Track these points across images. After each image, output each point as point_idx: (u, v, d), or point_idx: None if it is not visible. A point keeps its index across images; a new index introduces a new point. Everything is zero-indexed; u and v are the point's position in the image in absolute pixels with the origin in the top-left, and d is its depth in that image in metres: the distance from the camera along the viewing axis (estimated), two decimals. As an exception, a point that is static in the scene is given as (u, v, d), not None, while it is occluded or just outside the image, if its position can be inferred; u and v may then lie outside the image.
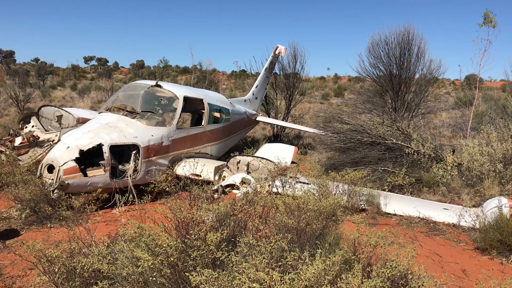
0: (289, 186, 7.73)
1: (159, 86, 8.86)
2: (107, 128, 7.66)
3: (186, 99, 9.09)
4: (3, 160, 8.02)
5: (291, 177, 8.06)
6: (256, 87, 14.13)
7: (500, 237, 5.93)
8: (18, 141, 8.69)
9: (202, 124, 9.63)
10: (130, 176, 7.68)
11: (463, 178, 9.19)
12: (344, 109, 13.51)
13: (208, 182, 8.20)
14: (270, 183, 7.92)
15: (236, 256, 3.54)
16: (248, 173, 8.43)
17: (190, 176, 8.34)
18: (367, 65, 13.62)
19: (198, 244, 3.68)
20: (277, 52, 14.25)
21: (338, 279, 3.39)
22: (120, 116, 8.15)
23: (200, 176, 8.30)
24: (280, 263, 3.53)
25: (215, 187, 7.89)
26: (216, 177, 8.32)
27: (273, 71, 15.29)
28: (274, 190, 7.76)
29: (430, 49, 13.39)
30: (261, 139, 14.51)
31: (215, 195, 7.70)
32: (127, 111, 8.47)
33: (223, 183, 8.01)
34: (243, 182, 8.02)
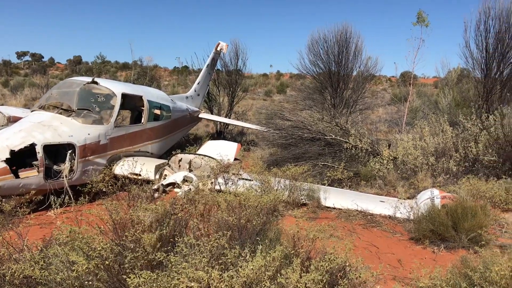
0: (232, 183, 7.74)
1: (96, 82, 8.55)
2: (40, 127, 7.30)
3: (124, 96, 8.83)
4: None
5: (233, 174, 8.07)
6: (198, 83, 14.00)
7: (432, 227, 6.22)
8: None
9: (142, 121, 9.41)
10: (66, 177, 7.37)
11: (398, 171, 9.58)
12: (286, 105, 13.71)
13: (149, 181, 8.03)
14: (213, 180, 7.89)
15: (174, 256, 3.49)
16: (190, 171, 8.34)
17: (130, 176, 8.12)
18: (307, 62, 13.92)
19: (133, 246, 3.59)
20: (218, 49, 14.20)
21: (278, 275, 3.42)
22: (55, 114, 7.79)
23: (140, 175, 8.11)
24: (220, 261, 3.52)
25: (156, 186, 7.75)
26: (157, 176, 8.17)
27: (215, 68, 15.23)
28: (217, 187, 7.73)
29: (367, 47, 13.91)
30: (204, 136, 14.41)
31: (156, 195, 7.57)
32: (62, 109, 8.10)
33: (164, 182, 7.88)
34: (185, 180, 7.92)
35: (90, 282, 3.59)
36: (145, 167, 8.18)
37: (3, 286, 3.71)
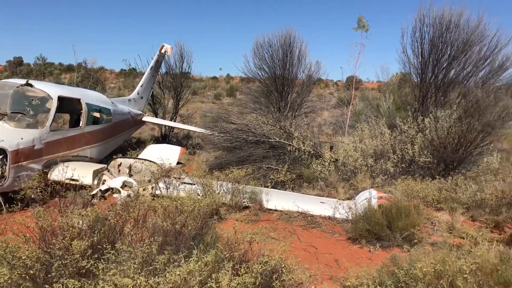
0: (174, 188, 7.65)
1: (30, 85, 8.18)
2: None
3: (61, 99, 8.51)
4: None
5: (175, 178, 7.97)
6: (142, 86, 13.74)
7: (368, 226, 6.42)
8: None
9: (80, 125, 9.10)
10: None
11: (339, 173, 9.82)
12: (235, 109, 13.71)
13: (87, 187, 7.78)
14: (153, 185, 7.76)
15: (103, 264, 3.39)
16: (130, 175, 8.16)
17: (67, 181, 7.84)
18: (252, 66, 14.01)
19: (61, 253, 3.46)
20: (163, 51, 14.01)
21: (209, 279, 3.41)
22: None
23: (78, 180, 7.84)
24: (151, 267, 3.46)
25: (94, 192, 7.53)
26: (95, 181, 7.92)
27: (159, 70, 15.01)
28: (158, 192, 7.61)
29: (311, 52, 14.21)
30: (148, 140, 14.14)
31: (94, 200, 7.35)
32: None
33: (103, 187, 7.66)
34: (124, 185, 7.74)
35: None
36: (83, 172, 7.92)
37: None
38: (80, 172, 7.94)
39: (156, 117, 15.26)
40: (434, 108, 10.26)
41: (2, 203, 6.92)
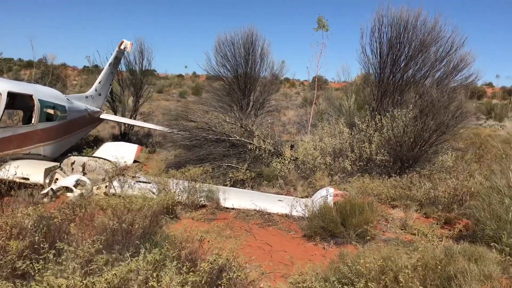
0: (128, 186, 7.49)
1: (-23, 80, 7.86)
2: None
3: (11, 94, 8.19)
4: None
5: (131, 176, 7.82)
6: (100, 82, 13.40)
7: (323, 224, 6.46)
8: None
9: (32, 122, 8.79)
10: None
11: (299, 171, 9.87)
12: (196, 107, 13.55)
13: (39, 186, 7.54)
14: (107, 184, 7.58)
15: (39, 264, 3.26)
16: (84, 174, 7.94)
17: (16, 180, 7.56)
18: (213, 63, 13.91)
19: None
20: (122, 47, 13.70)
21: (151, 278, 3.33)
22: None
23: (28, 179, 7.57)
24: (91, 267, 3.36)
25: (45, 191, 7.29)
26: (47, 180, 7.67)
27: (119, 67, 14.70)
28: (112, 191, 7.44)
29: (277, 52, 14.31)
30: (107, 138, 13.84)
31: (45, 199, 7.12)
32: None
33: (55, 186, 7.43)
34: (77, 184, 7.53)
35: None
36: (34, 171, 7.65)
37: None
38: (31, 170, 7.68)
39: (116, 114, 14.95)
40: (391, 108, 10.44)
41: None
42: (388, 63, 11.17)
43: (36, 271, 3.17)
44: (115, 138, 14.22)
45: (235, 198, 7.83)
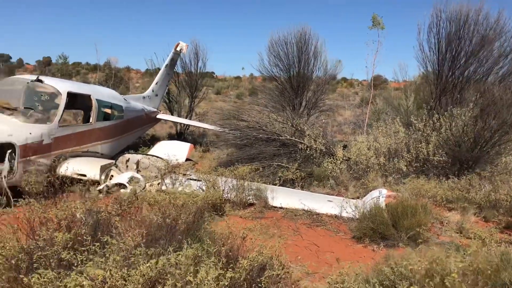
0: (180, 184, 7.63)
1: (40, 81, 8.31)
2: None
3: (70, 95, 8.62)
4: None
5: (182, 174, 7.97)
6: (157, 83, 13.83)
7: (373, 225, 6.26)
8: None
9: (90, 121, 9.19)
10: (5, 177, 7.12)
11: (351, 172, 9.65)
12: (247, 107, 13.63)
13: (95, 182, 7.86)
14: (160, 181, 7.77)
15: (82, 255, 3.38)
16: (138, 171, 8.19)
17: (75, 176, 7.94)
18: (266, 63, 13.92)
19: (41, 244, 3.46)
20: (178, 49, 14.05)
21: (188, 273, 3.35)
22: None
23: (85, 175, 7.92)
24: (130, 261, 3.43)
25: (101, 187, 7.58)
26: (103, 177, 7.98)
27: (175, 68, 15.08)
28: (164, 188, 7.62)
29: (329, 50, 14.04)
30: (164, 137, 14.23)
31: (100, 195, 7.40)
32: (2, 107, 7.84)
33: (110, 183, 7.71)
34: (131, 180, 7.78)
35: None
36: (91, 168, 7.99)
37: None
38: (88, 167, 8.02)
39: (172, 114, 15.35)
40: (450, 106, 9.96)
41: (11, 197, 7.01)
42: (446, 60, 10.69)
43: (79, 262, 3.27)
44: (171, 137, 14.60)
45: (283, 197, 7.77)
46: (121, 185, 7.65)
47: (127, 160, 8.28)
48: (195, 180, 7.77)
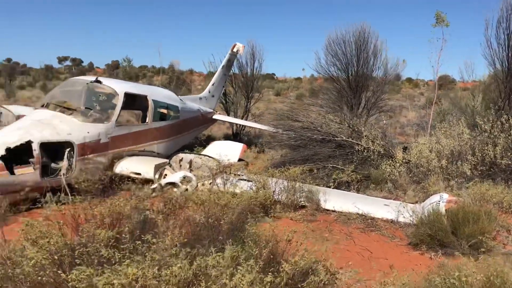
0: (231, 184, 7.59)
1: (99, 82, 8.61)
2: (39, 125, 7.39)
3: (128, 95, 8.85)
4: None
5: (233, 174, 7.93)
6: (213, 84, 13.96)
7: (430, 232, 5.89)
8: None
9: (146, 121, 9.40)
10: (64, 175, 7.41)
11: (410, 175, 9.17)
12: (302, 107, 13.42)
13: (149, 181, 8.00)
14: (211, 180, 7.77)
15: (119, 254, 3.37)
16: (191, 171, 8.25)
17: (130, 175, 8.13)
18: (323, 63, 13.63)
19: (84, 241, 3.50)
20: (235, 50, 14.10)
21: (224, 275, 3.25)
22: (55, 113, 7.88)
23: (140, 174, 8.09)
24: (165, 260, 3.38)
25: (154, 186, 7.70)
26: (156, 176, 8.10)
27: (232, 69, 15.17)
28: (215, 187, 7.61)
29: (392, 49, 13.47)
30: (220, 137, 14.34)
31: (153, 194, 7.51)
32: (63, 107, 8.20)
33: (163, 181, 7.82)
34: (184, 180, 7.84)
35: (40, 278, 3.51)
36: (145, 166, 8.15)
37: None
38: (143, 166, 8.19)
39: (228, 115, 15.44)
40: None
41: (69, 194, 7.28)
42: (517, 56, 9.92)
43: (117, 260, 3.26)
44: (227, 137, 14.68)
45: (336, 200, 7.51)
46: (173, 184, 7.73)
47: (181, 160, 8.36)
48: (246, 180, 7.69)
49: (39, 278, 3.42)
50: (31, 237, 3.62)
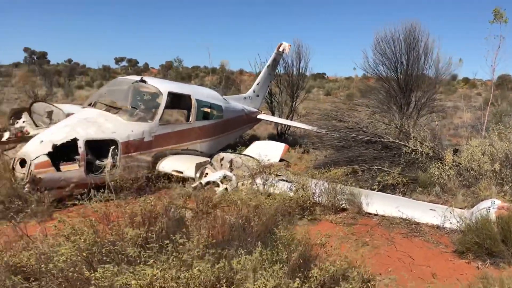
0: (270, 184, 7.52)
1: (144, 81, 8.79)
2: (85, 123, 7.63)
3: (171, 94, 8.98)
4: (-12, 155, 8.11)
5: (273, 174, 7.86)
6: (258, 84, 13.91)
7: (478, 239, 5.55)
8: (5, 136, 8.76)
9: (190, 120, 9.50)
10: (108, 172, 7.61)
11: (460, 179, 8.72)
12: (346, 106, 13.10)
13: (191, 179, 8.08)
14: (251, 180, 7.72)
15: (145, 253, 3.38)
16: (231, 170, 8.24)
17: (173, 173, 8.24)
18: (371, 61, 13.24)
19: (112, 239, 3.54)
20: (281, 49, 13.97)
21: (248, 279, 3.18)
22: (101, 111, 8.12)
23: (182, 172, 8.18)
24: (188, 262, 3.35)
25: (195, 184, 7.76)
26: (197, 174, 8.16)
27: (277, 69, 15.05)
28: (255, 187, 7.56)
29: (440, 47, 12.79)
30: (264, 137, 14.29)
31: (194, 192, 7.57)
32: (109, 106, 8.43)
33: (204, 180, 7.86)
34: (224, 179, 7.85)
35: (71, 274, 3.58)
36: (187, 165, 8.23)
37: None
38: (185, 164, 8.27)
39: (273, 115, 15.35)
40: None
41: (113, 191, 7.47)
42: None
43: (142, 260, 3.27)
44: (271, 137, 14.60)
45: (379, 204, 7.26)
46: (214, 183, 7.76)
47: (222, 159, 8.38)
48: (285, 181, 7.59)
49: (70, 274, 3.49)
50: (64, 234, 3.69)
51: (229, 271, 3.18)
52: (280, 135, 15.25)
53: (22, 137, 8.71)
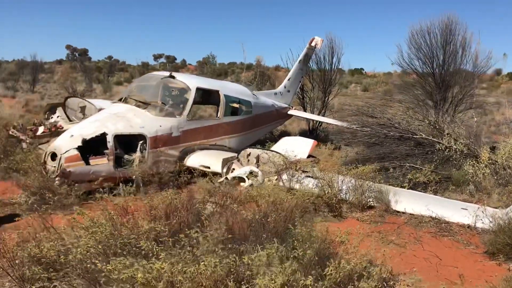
0: (296, 180, 7.46)
1: (173, 77, 8.89)
2: (114, 118, 7.79)
3: (200, 90, 9.04)
4: (24, 148, 8.42)
5: (300, 170, 7.80)
6: (289, 79, 13.80)
7: (510, 240, 5.31)
8: (40, 130, 9.07)
9: (218, 116, 9.54)
10: (137, 166, 7.74)
11: (496, 177, 8.38)
12: (378, 102, 12.81)
13: (218, 174, 8.11)
14: (277, 176, 7.69)
15: (158, 247, 3.40)
16: (258, 166, 8.23)
17: (200, 168, 8.30)
18: (406, 56, 12.93)
19: (126, 232, 3.58)
20: (313, 44, 13.79)
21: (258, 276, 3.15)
22: (130, 106, 8.27)
23: (209, 167, 8.22)
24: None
25: (221, 179, 7.78)
26: (224, 169, 8.18)
27: (309, 64, 14.87)
28: (281, 184, 7.52)
29: (480, 41, 12.36)
30: (295, 133, 14.18)
31: (219, 187, 7.60)
32: (139, 101, 8.57)
33: (230, 175, 7.88)
34: (250, 175, 7.84)
35: (89, 265, 3.64)
36: (214, 160, 8.27)
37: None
38: (213, 160, 8.31)
39: (305, 111, 15.21)
40: None
41: (141, 184, 7.60)
42: None
43: (154, 254, 3.30)
44: (302, 133, 14.47)
45: (408, 202, 7.06)
46: (240, 179, 7.77)
47: (248, 154, 8.38)
48: (311, 177, 7.50)
49: (88, 266, 3.56)
50: (83, 226, 3.76)
51: (238, 266, 3.16)
52: (312, 131, 15.10)
53: (56, 132, 8.99)
